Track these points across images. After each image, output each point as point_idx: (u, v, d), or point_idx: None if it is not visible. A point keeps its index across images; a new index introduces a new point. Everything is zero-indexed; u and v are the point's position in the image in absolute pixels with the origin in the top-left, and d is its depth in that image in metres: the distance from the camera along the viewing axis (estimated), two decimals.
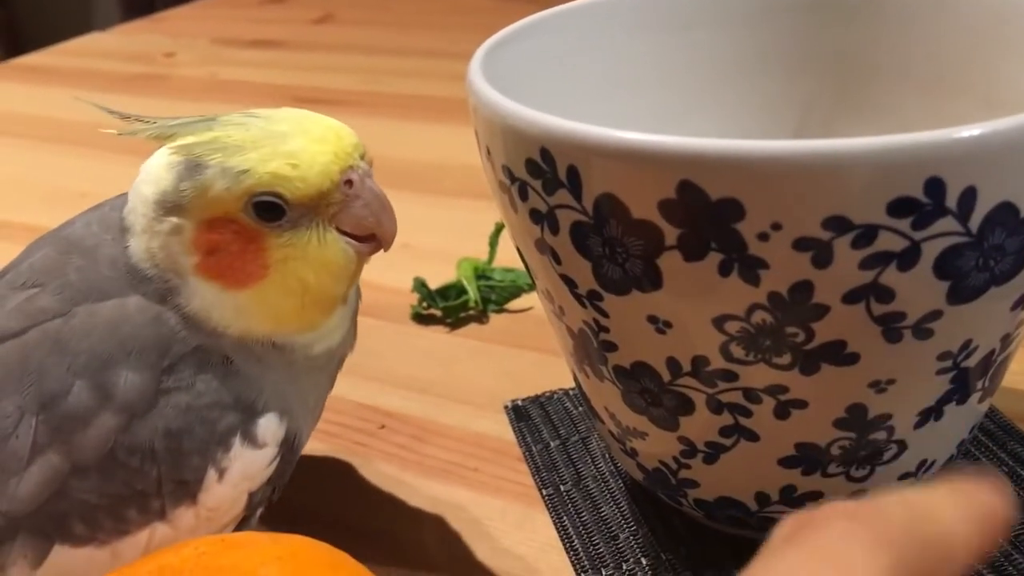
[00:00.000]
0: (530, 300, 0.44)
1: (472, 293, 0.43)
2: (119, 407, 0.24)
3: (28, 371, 0.24)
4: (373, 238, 0.26)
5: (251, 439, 0.25)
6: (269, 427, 0.26)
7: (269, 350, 0.26)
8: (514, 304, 0.43)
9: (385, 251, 0.27)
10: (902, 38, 0.32)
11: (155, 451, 0.24)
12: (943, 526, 0.16)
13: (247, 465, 0.25)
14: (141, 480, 0.24)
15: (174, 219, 0.25)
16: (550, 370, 0.38)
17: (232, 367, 0.25)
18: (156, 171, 0.25)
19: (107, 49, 0.94)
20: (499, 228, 0.45)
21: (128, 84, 0.82)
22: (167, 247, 0.25)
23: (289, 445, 0.26)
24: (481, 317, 0.43)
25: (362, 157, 0.26)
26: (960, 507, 0.16)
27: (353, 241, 0.26)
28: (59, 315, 0.25)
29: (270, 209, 0.24)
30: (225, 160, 0.24)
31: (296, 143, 0.24)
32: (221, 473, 0.25)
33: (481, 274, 0.44)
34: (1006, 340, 0.24)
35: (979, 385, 0.25)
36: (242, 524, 0.26)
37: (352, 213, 0.25)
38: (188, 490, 0.25)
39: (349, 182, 0.25)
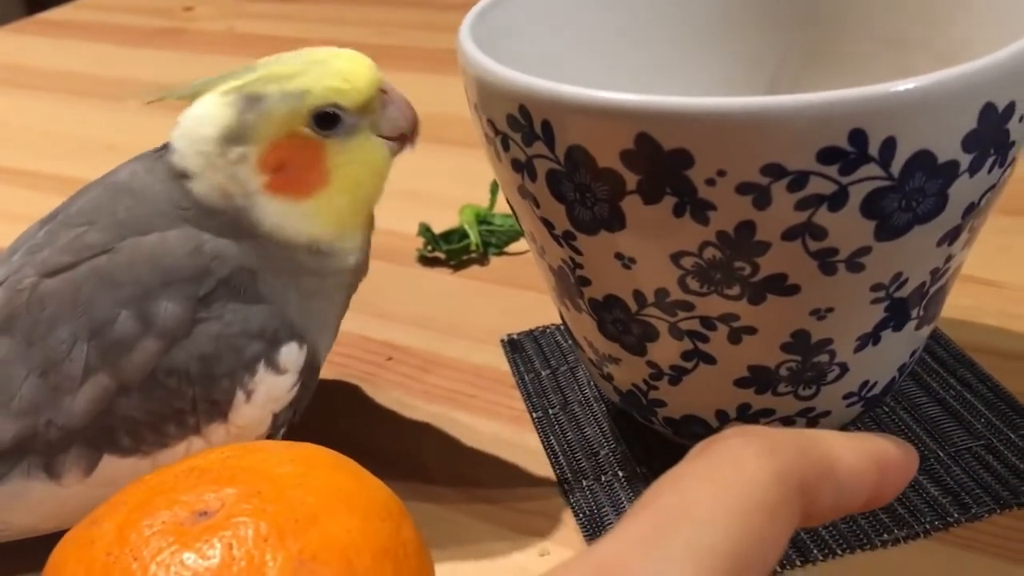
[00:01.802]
0: (527, 243, 0.47)
1: (473, 237, 0.46)
2: (159, 333, 0.28)
3: (79, 302, 0.28)
4: (402, 138, 0.31)
5: (274, 366, 0.29)
6: (290, 355, 0.29)
7: (315, 260, 0.30)
8: (513, 247, 0.47)
9: (412, 147, 0.31)
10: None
11: (190, 374, 0.28)
12: (832, 451, 0.17)
13: (271, 388, 0.29)
14: (178, 399, 0.28)
15: (240, 148, 0.28)
16: (544, 308, 0.41)
17: (260, 294, 0.29)
18: (210, 112, 0.29)
19: (127, 3, 0.96)
20: None
21: (148, 38, 0.85)
22: (235, 175, 0.29)
23: (309, 371, 0.30)
24: (482, 259, 0.46)
25: None
26: (853, 445, 0.18)
27: (388, 142, 0.30)
28: (105, 250, 0.28)
29: (329, 120, 0.29)
30: (283, 87, 0.28)
31: (340, 63, 0.29)
32: (248, 395, 0.28)
33: (482, 219, 0.47)
34: (936, 273, 0.27)
35: (914, 314, 0.28)
36: None
37: (388, 117, 0.30)
38: (219, 409, 0.28)
39: (383, 90, 0.30)
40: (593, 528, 0.31)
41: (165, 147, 0.30)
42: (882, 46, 0.34)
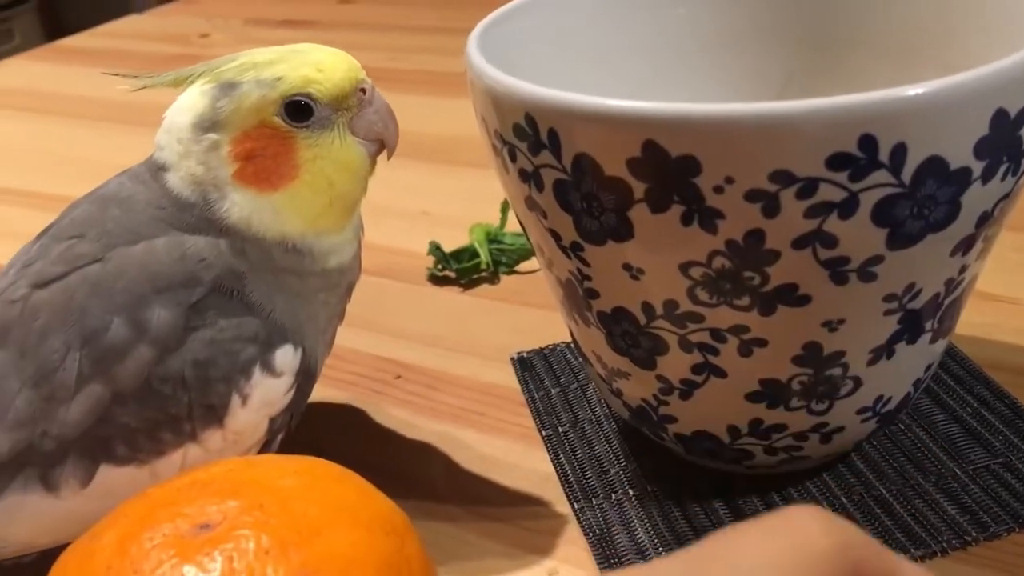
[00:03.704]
0: (538, 262, 0.46)
1: (484, 256, 0.46)
2: (152, 340, 0.27)
3: (71, 311, 0.28)
4: (380, 143, 0.30)
5: (269, 368, 0.28)
6: (285, 358, 0.29)
7: (290, 259, 0.29)
8: (523, 266, 0.46)
9: (388, 157, 0.31)
10: (881, 12, 0.34)
11: (185, 379, 0.28)
12: (898, 563, 0.17)
13: (267, 392, 0.29)
14: (174, 405, 0.28)
15: (212, 135, 0.28)
16: (554, 325, 0.41)
17: (248, 300, 0.28)
18: (189, 101, 0.29)
19: (144, 31, 0.98)
20: None
21: (164, 64, 0.85)
22: (206, 163, 0.29)
23: (305, 374, 0.30)
24: (492, 278, 0.46)
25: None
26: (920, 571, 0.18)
27: (366, 145, 0.30)
28: (96, 259, 0.28)
29: (300, 110, 0.28)
30: (258, 74, 0.28)
31: (319, 55, 0.29)
32: (244, 399, 0.28)
33: (493, 238, 0.47)
34: (950, 284, 0.26)
35: (928, 326, 0.27)
36: (264, 449, 0.30)
37: (365, 119, 0.29)
38: (215, 414, 0.28)
39: (363, 91, 0.29)
40: (603, 547, 0.30)
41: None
42: (892, 61, 0.34)
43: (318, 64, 0.29)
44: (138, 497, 0.24)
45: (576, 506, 0.32)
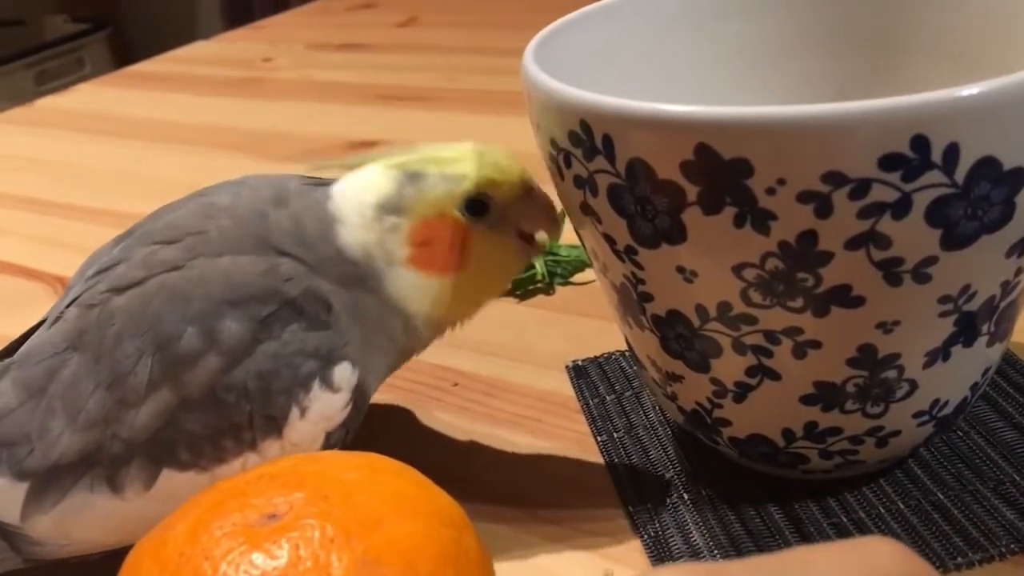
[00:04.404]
0: (592, 274, 0.47)
1: (539, 267, 0.47)
2: (221, 351, 0.28)
3: (146, 316, 0.29)
4: (530, 239, 0.32)
5: (328, 383, 0.29)
6: (344, 374, 0.30)
7: (403, 332, 0.32)
8: (578, 277, 0.47)
9: (541, 253, 0.34)
10: (937, 17, 0.34)
11: (248, 390, 0.29)
12: None
13: (325, 406, 0.30)
14: (236, 414, 0.29)
15: (394, 218, 0.30)
16: (609, 335, 0.41)
17: (325, 320, 0.30)
18: (373, 181, 0.31)
19: (210, 56, 1.01)
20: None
21: (230, 87, 0.88)
22: (383, 242, 0.31)
23: (361, 392, 0.31)
24: (547, 289, 0.47)
25: None
26: None
27: (524, 243, 0.32)
28: (176, 267, 0.29)
29: (478, 207, 0.30)
30: (442, 169, 0.30)
31: (496, 156, 0.31)
32: (303, 411, 0.29)
33: (548, 250, 0.47)
34: (1006, 286, 0.26)
35: (984, 329, 0.27)
36: None
37: (530, 215, 0.32)
38: (275, 425, 0.29)
39: (530, 189, 0.31)
40: (658, 549, 0.31)
41: (261, 177, 0.32)
42: (954, 70, 0.34)
43: (499, 166, 0.31)
44: (209, 490, 0.25)
45: (631, 509, 0.32)
